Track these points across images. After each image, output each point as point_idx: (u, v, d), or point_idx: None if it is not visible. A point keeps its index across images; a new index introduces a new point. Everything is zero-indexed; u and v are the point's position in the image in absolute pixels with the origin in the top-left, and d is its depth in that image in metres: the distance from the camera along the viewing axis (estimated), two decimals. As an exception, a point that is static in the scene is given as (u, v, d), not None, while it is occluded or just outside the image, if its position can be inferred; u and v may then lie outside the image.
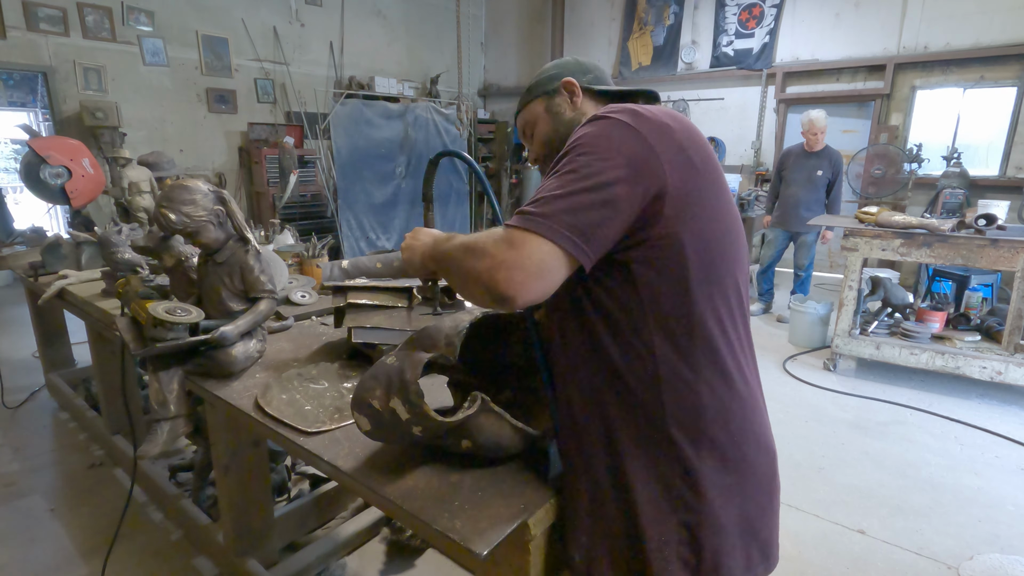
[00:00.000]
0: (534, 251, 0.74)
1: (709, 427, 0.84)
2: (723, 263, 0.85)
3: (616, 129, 0.79)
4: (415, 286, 1.59)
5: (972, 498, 2.53)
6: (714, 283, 0.83)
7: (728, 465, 0.86)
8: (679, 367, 0.83)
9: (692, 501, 0.84)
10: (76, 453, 2.78)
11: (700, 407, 0.83)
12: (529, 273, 0.74)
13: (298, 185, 6.34)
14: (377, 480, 1.00)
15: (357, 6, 7.76)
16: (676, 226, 0.79)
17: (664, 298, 0.82)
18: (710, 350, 0.84)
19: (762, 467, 0.90)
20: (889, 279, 4.08)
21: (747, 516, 0.88)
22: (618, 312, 0.84)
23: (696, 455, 0.84)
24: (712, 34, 7.25)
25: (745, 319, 0.91)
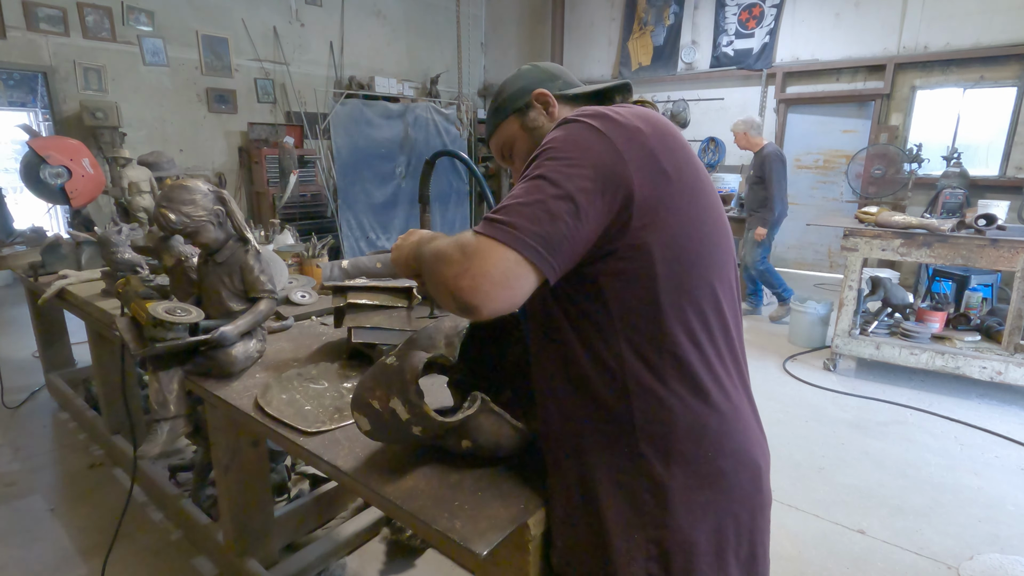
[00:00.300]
0: (499, 260, 0.71)
1: (680, 442, 0.81)
2: (697, 273, 0.81)
3: (584, 133, 0.77)
4: (415, 286, 1.59)
5: (972, 498, 2.53)
6: (686, 294, 0.81)
7: (702, 481, 0.83)
8: (648, 381, 0.81)
9: (660, 517, 0.82)
10: (76, 453, 2.78)
11: (670, 421, 0.81)
12: (494, 283, 0.71)
13: (298, 185, 6.34)
14: (377, 480, 1.00)
15: (357, 6, 7.76)
16: (644, 236, 0.77)
17: (633, 311, 0.80)
18: (681, 363, 0.81)
19: (743, 483, 0.86)
20: (889, 279, 4.08)
21: (723, 534, 0.85)
22: (588, 325, 0.82)
23: (666, 470, 0.81)
24: (712, 34, 7.25)
25: (726, 330, 0.87)
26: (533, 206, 0.73)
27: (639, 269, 0.78)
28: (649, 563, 0.83)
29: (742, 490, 0.87)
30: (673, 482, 0.82)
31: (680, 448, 0.82)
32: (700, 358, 0.83)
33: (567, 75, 1.07)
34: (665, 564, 0.83)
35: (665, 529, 0.82)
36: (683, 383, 0.81)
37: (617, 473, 0.84)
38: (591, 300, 0.81)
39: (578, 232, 0.74)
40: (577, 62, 8.53)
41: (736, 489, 0.86)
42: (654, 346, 0.80)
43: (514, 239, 0.72)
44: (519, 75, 1.06)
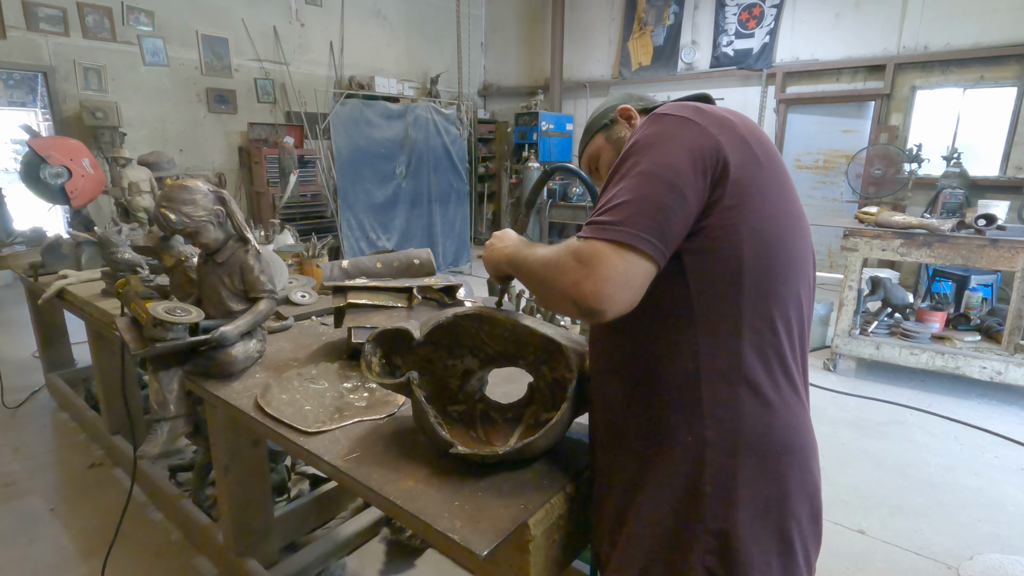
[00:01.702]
0: (618, 262, 0.73)
1: (747, 433, 0.80)
2: (780, 264, 0.81)
3: (676, 125, 0.79)
4: (415, 286, 1.59)
5: (972, 498, 2.53)
6: (770, 283, 0.80)
7: (767, 477, 0.82)
8: (722, 367, 0.80)
9: (722, 509, 0.81)
10: (76, 453, 2.78)
11: (740, 411, 0.80)
12: (617, 285, 0.73)
13: (298, 185, 6.34)
14: (377, 480, 1.00)
15: (357, 6, 7.76)
16: (735, 217, 0.77)
17: (713, 293, 0.79)
18: (758, 352, 0.80)
19: (807, 486, 0.86)
20: (889, 279, 4.08)
21: (786, 534, 0.84)
22: (665, 306, 0.82)
23: (731, 460, 0.80)
24: (712, 34, 7.26)
25: (802, 327, 0.86)
26: (640, 201, 0.74)
27: (725, 250, 0.78)
28: (707, 556, 0.82)
29: (804, 492, 0.85)
30: (739, 474, 0.81)
31: (747, 440, 0.81)
32: (776, 351, 0.82)
33: (650, 99, 1.12)
34: (723, 558, 0.81)
35: (726, 522, 0.81)
36: (757, 373, 0.81)
37: (679, 463, 0.83)
38: (671, 280, 0.80)
39: (684, 215, 0.75)
40: (577, 62, 8.54)
41: (799, 491, 0.84)
42: (733, 332, 0.80)
43: (630, 237, 0.73)
44: (609, 99, 1.13)
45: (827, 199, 6.99)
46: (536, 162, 7.60)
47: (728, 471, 0.81)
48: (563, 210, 7.41)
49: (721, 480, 0.81)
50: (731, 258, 0.78)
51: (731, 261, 0.78)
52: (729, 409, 0.80)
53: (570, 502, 0.98)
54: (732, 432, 0.81)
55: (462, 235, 7.21)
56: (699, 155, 0.76)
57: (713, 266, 0.78)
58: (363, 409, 1.27)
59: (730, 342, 0.80)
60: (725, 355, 0.80)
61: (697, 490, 0.82)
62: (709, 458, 0.81)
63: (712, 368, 0.80)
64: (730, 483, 0.81)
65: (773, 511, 0.83)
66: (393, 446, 1.11)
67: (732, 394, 0.80)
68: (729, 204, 0.77)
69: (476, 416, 1.18)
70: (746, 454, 0.81)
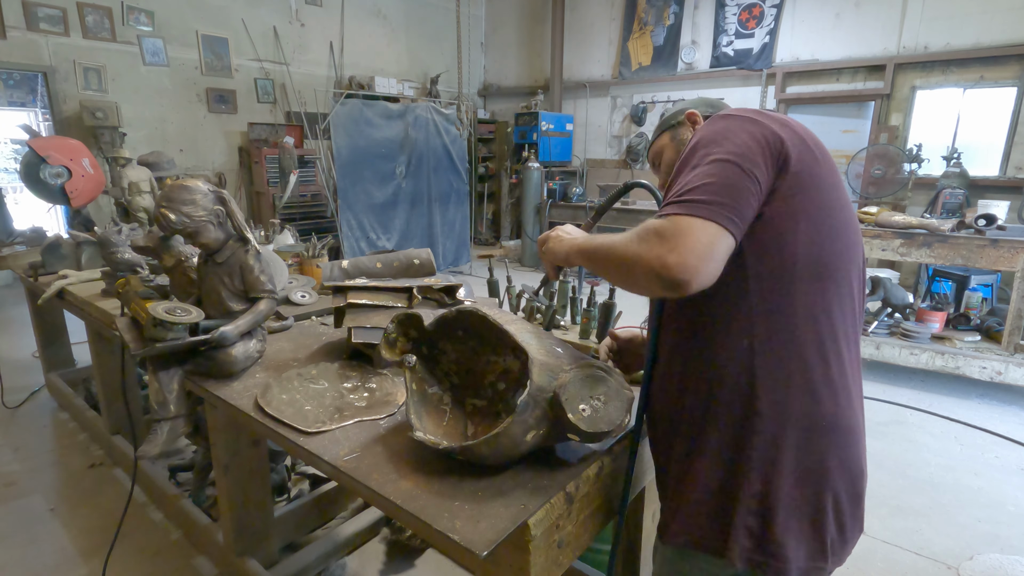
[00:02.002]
0: (701, 234, 0.77)
1: (796, 409, 0.85)
2: (834, 253, 0.86)
3: (742, 121, 0.86)
4: (415, 286, 1.59)
5: (972, 498, 2.53)
6: (824, 270, 0.85)
7: (812, 447, 0.86)
8: (775, 346, 0.85)
9: (765, 474, 0.86)
10: (76, 453, 2.78)
11: (790, 388, 0.85)
12: (700, 256, 0.76)
13: (298, 185, 6.34)
14: (377, 480, 1.00)
15: (357, 6, 7.76)
16: (793, 205, 0.83)
17: (770, 275, 0.84)
18: (810, 334, 0.85)
19: (850, 466, 0.90)
20: (889, 279, 4.08)
21: (822, 506, 0.88)
22: (725, 285, 0.84)
23: (780, 429, 0.86)
24: (712, 34, 7.25)
25: (855, 316, 0.91)
26: (717, 183, 0.80)
27: (783, 236, 0.83)
28: (748, 516, 0.87)
29: (846, 472, 0.89)
30: (784, 443, 0.86)
31: (794, 414, 0.86)
32: (829, 334, 0.87)
33: (723, 107, 1.18)
34: (763, 519, 0.87)
35: (767, 486, 0.86)
36: (809, 354, 0.86)
37: (730, 431, 0.88)
38: (731, 261, 0.82)
39: (755, 197, 0.81)
40: (577, 62, 8.54)
41: (840, 469, 0.88)
42: (786, 313, 0.85)
43: (711, 212, 0.78)
44: (683, 102, 1.24)
45: (827, 199, 6.98)
46: (536, 162, 7.60)
47: (774, 440, 0.86)
48: (563, 210, 7.41)
49: (766, 448, 0.86)
50: (788, 244, 0.84)
51: (788, 247, 0.84)
52: (779, 385, 0.86)
53: (570, 502, 0.98)
54: (782, 406, 0.86)
55: (462, 235, 7.21)
56: (765, 145, 0.83)
57: (771, 250, 0.84)
58: (363, 409, 1.27)
59: (783, 323, 0.85)
60: (779, 335, 0.85)
61: (744, 454, 0.87)
62: (758, 427, 0.86)
63: (765, 347, 0.86)
64: (774, 451, 0.86)
65: (812, 482, 0.87)
66: (393, 446, 1.11)
67: (783, 371, 0.86)
68: (788, 193, 0.83)
69: (490, 414, 1.18)
70: (792, 427, 0.86)
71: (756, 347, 0.86)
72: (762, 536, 0.87)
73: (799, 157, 0.84)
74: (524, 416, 0.94)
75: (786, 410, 0.86)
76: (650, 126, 8.02)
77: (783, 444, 0.86)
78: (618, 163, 8.41)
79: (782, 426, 0.86)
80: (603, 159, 8.60)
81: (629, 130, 8.25)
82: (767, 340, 0.85)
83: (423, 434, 1.02)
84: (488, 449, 0.95)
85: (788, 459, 0.86)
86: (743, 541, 0.87)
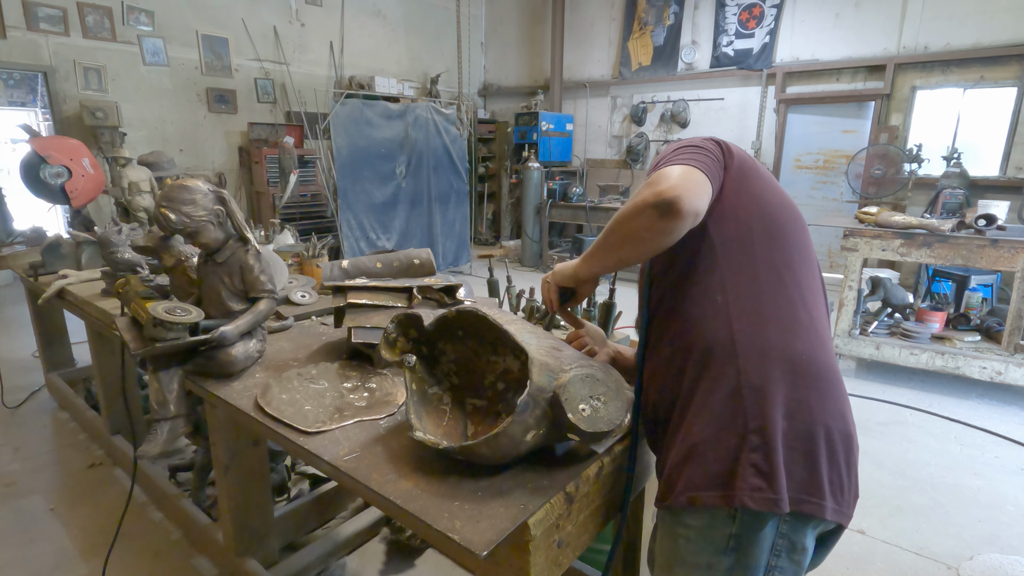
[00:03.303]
0: (692, 172, 0.93)
1: (774, 349, 0.94)
2: (782, 219, 1.01)
3: (688, 140, 1.04)
4: (415, 286, 1.59)
5: (972, 498, 2.53)
6: (778, 232, 1.00)
7: (796, 382, 0.93)
8: (744, 299, 0.96)
9: (759, 409, 0.91)
10: (76, 453, 2.78)
11: (766, 333, 0.94)
12: (693, 182, 0.91)
13: (298, 185, 6.33)
14: (377, 480, 1.00)
15: (357, 6, 7.76)
16: (741, 187, 1.00)
17: (732, 241, 0.98)
18: (776, 287, 0.97)
19: (834, 405, 0.95)
20: (889, 279, 4.08)
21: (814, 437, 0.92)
22: (696, 254, 1.00)
23: (761, 366, 0.92)
24: (712, 34, 7.25)
25: (814, 271, 1.04)
26: (690, 154, 0.97)
27: (737, 209, 0.99)
28: (752, 454, 0.90)
29: (832, 409, 0.95)
30: (769, 375, 0.92)
31: (774, 353, 0.94)
32: (795, 287, 0.99)
33: None
34: (766, 454, 0.90)
35: (763, 420, 0.91)
36: (777, 304, 0.97)
37: (720, 379, 0.94)
38: (699, 235, 0.99)
39: (718, 169, 0.99)
40: (577, 62, 8.54)
41: (825, 406, 0.94)
42: (750, 271, 0.97)
43: (698, 163, 0.95)
44: None
45: (827, 199, 6.99)
46: (536, 162, 7.60)
47: (760, 374, 0.92)
48: (563, 210, 7.41)
49: (755, 383, 0.92)
50: (742, 212, 0.99)
51: (742, 214, 0.99)
52: (754, 325, 0.95)
53: (570, 502, 0.98)
54: (760, 341, 0.94)
55: (462, 235, 7.21)
56: (716, 149, 1.01)
57: (729, 219, 0.99)
58: (363, 409, 1.27)
59: (749, 275, 0.97)
60: (747, 285, 0.97)
61: (738, 393, 0.92)
62: (742, 366, 0.93)
63: (737, 296, 0.96)
64: (763, 385, 0.92)
65: (801, 417, 0.92)
66: (393, 446, 1.11)
67: (756, 313, 0.95)
68: (736, 175, 1.01)
69: (490, 414, 1.18)
70: (774, 360, 0.93)
71: (730, 299, 0.96)
72: (768, 472, 0.90)
73: (738, 154, 1.03)
74: (524, 416, 0.94)
75: (765, 345, 0.94)
76: (650, 126, 8.02)
77: (769, 377, 0.92)
78: (618, 163, 8.41)
79: (763, 360, 0.93)
80: (603, 159, 8.60)
81: (629, 130, 8.25)
82: (737, 290, 0.96)
83: (423, 434, 1.02)
84: (488, 449, 0.95)
85: (777, 393, 0.92)
86: (751, 480, 0.90)
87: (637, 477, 1.12)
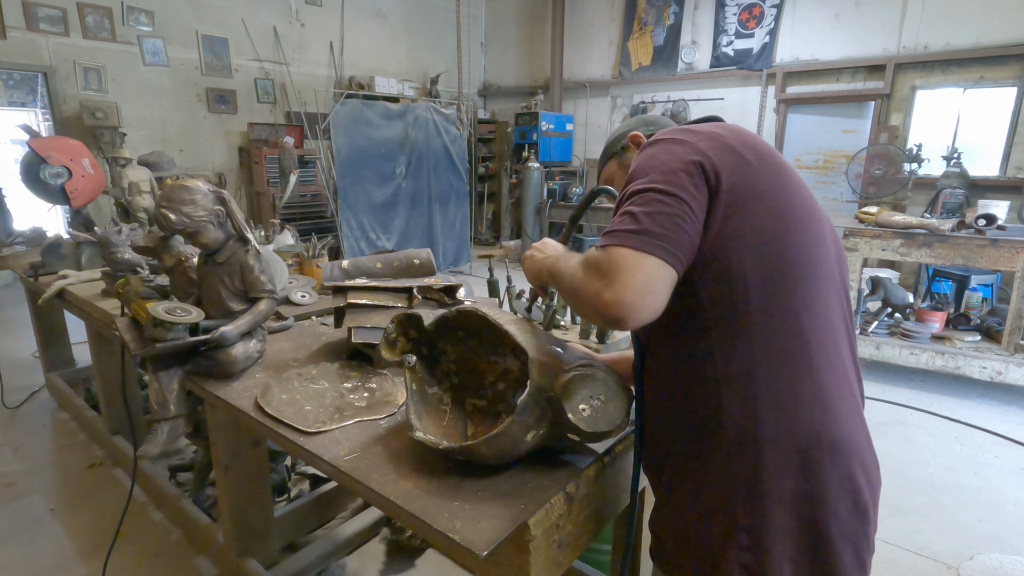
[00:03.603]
0: (636, 269, 0.75)
1: (767, 430, 0.81)
2: (792, 261, 0.82)
3: (667, 145, 0.85)
4: (415, 286, 1.59)
5: (972, 498, 2.53)
6: (784, 281, 0.81)
7: (791, 470, 0.81)
8: (735, 370, 0.81)
9: (751, 505, 0.82)
10: (76, 453, 2.78)
11: (758, 409, 0.81)
12: (637, 292, 0.75)
13: (298, 185, 6.33)
14: (377, 480, 1.00)
15: (357, 6, 7.76)
16: (734, 223, 0.80)
17: (723, 298, 0.81)
18: (776, 351, 0.81)
19: (845, 481, 0.83)
20: (889, 279, 4.08)
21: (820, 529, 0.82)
22: (682, 315, 0.84)
23: (753, 457, 0.81)
24: (712, 34, 7.25)
25: (830, 321, 0.85)
26: (649, 213, 0.78)
27: (729, 256, 0.80)
28: (742, 553, 0.82)
29: (842, 488, 0.83)
30: (763, 468, 0.81)
31: (766, 435, 0.81)
32: (801, 346, 0.82)
33: (664, 122, 1.16)
34: (756, 553, 0.82)
35: (755, 517, 0.82)
36: (775, 371, 0.81)
37: (712, 463, 0.84)
38: (683, 290, 0.82)
39: (692, 223, 0.79)
40: (577, 62, 8.54)
41: (834, 486, 0.82)
42: (744, 335, 0.81)
43: (647, 244, 0.76)
44: (623, 125, 1.22)
45: (827, 199, 6.98)
46: (536, 162, 7.60)
47: (753, 464, 0.81)
48: (563, 210, 7.41)
49: (745, 475, 0.82)
50: (736, 264, 0.80)
51: (736, 267, 0.80)
52: (748, 413, 0.82)
53: (570, 502, 0.98)
54: (754, 433, 0.81)
55: (462, 235, 7.21)
56: (691, 167, 0.81)
57: (720, 273, 0.81)
58: (363, 409, 1.27)
59: (743, 344, 0.81)
60: (739, 358, 0.82)
61: (729, 487, 0.83)
62: (732, 454, 0.82)
63: (728, 372, 0.82)
64: (754, 477, 0.81)
65: (803, 505, 0.82)
66: (393, 446, 1.11)
67: (750, 399, 0.81)
68: (727, 213, 0.80)
69: (490, 414, 1.18)
70: (768, 449, 0.81)
71: (720, 373, 0.82)
72: (756, 571, 0.82)
73: (730, 170, 0.81)
74: (524, 416, 0.94)
75: (759, 431, 0.81)
76: (650, 126, 8.01)
77: (763, 468, 0.81)
78: (618, 163, 8.39)
79: (757, 449, 0.81)
80: (603, 159, 8.59)
81: (629, 130, 8.24)
82: (727, 362, 0.82)
83: (423, 434, 1.02)
84: (488, 449, 0.95)
85: (772, 485, 0.81)
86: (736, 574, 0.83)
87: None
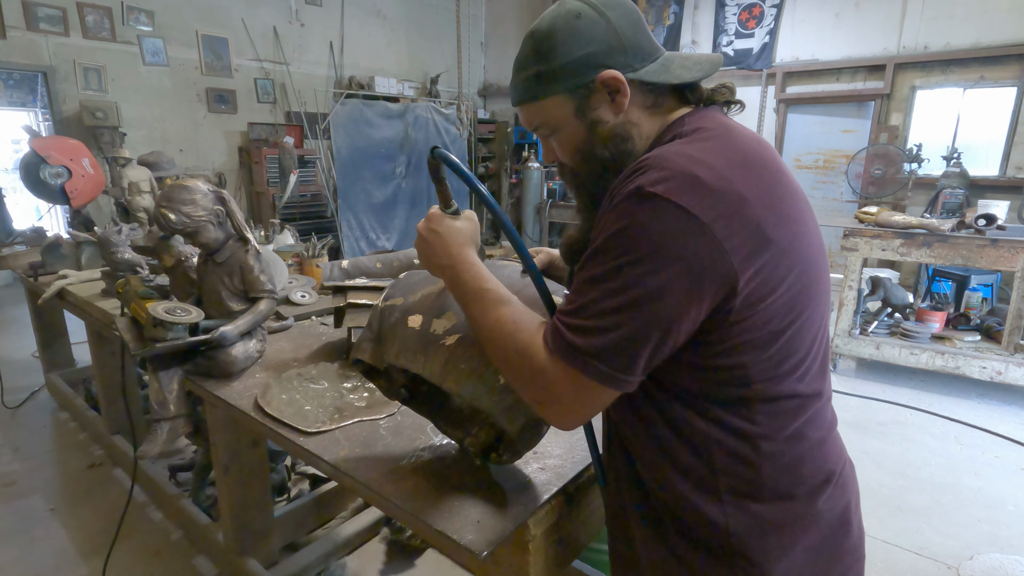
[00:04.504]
0: (584, 398, 0.69)
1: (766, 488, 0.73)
2: (798, 328, 0.70)
3: (671, 222, 0.61)
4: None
5: (972, 498, 2.53)
6: (788, 356, 0.70)
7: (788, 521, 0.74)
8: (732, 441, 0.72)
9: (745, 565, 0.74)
10: (76, 453, 2.78)
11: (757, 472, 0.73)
12: (576, 415, 0.71)
13: (298, 185, 6.34)
14: (377, 480, 1.00)
15: (357, 6, 7.76)
16: (742, 327, 0.66)
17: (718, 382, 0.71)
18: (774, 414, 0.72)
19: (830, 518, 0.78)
20: (889, 279, 4.09)
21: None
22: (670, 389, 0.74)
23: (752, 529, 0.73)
24: (712, 34, 7.25)
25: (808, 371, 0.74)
26: (620, 334, 0.64)
27: (731, 356, 0.69)
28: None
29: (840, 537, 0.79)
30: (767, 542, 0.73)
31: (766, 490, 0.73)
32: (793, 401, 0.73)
33: (642, 37, 0.75)
34: None
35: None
36: (774, 431, 0.72)
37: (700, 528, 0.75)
38: (673, 367, 0.71)
39: (670, 348, 0.67)
40: (577, 62, 8.52)
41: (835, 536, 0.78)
42: (743, 408, 0.71)
43: (602, 375, 0.66)
44: (578, 30, 0.73)
45: (827, 199, 6.98)
46: (536, 162, 7.59)
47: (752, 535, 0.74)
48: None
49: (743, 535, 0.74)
50: (736, 365, 0.69)
51: (736, 367, 0.69)
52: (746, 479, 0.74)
53: (570, 502, 0.98)
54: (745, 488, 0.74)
55: (462, 235, 7.20)
56: (697, 276, 0.62)
57: (718, 368, 0.70)
58: (363, 409, 1.27)
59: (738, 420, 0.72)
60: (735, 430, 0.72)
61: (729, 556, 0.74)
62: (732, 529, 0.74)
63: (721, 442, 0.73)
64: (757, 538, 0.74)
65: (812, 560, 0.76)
66: (393, 446, 1.11)
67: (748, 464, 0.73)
68: (736, 319, 0.66)
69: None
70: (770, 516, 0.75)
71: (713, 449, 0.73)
72: None
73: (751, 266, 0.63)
74: None
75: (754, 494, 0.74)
76: (650, 126, 8.00)
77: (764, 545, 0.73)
78: (618, 163, 8.39)
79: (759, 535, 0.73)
80: (603, 159, 8.58)
81: (629, 130, 8.24)
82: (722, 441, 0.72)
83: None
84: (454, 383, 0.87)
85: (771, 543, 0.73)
86: None
87: None
